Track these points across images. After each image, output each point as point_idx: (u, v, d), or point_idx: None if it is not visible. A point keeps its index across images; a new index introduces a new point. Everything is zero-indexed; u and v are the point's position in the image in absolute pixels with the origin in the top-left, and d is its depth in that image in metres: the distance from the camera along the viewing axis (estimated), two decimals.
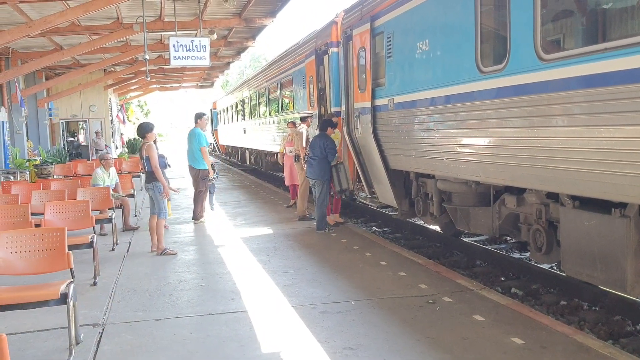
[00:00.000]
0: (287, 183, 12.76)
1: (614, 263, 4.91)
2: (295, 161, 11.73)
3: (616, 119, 4.44)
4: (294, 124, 12.47)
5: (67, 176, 15.96)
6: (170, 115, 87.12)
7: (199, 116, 11.26)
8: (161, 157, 8.61)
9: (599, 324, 5.71)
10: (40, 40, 16.56)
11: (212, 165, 11.37)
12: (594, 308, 6.18)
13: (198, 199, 11.14)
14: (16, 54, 18.43)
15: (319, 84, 12.45)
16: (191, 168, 11.03)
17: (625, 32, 4.68)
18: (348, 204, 13.44)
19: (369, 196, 10.53)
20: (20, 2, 11.71)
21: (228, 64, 26.32)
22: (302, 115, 12.13)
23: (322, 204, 9.70)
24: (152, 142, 8.60)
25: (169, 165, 11.13)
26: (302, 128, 11.52)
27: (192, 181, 11.22)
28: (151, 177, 8.42)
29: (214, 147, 39.62)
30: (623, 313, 5.83)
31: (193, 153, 10.92)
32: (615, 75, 4.39)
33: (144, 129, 8.71)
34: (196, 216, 11.18)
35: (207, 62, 13.87)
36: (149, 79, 19.82)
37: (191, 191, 11.78)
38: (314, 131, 11.37)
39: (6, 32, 12.26)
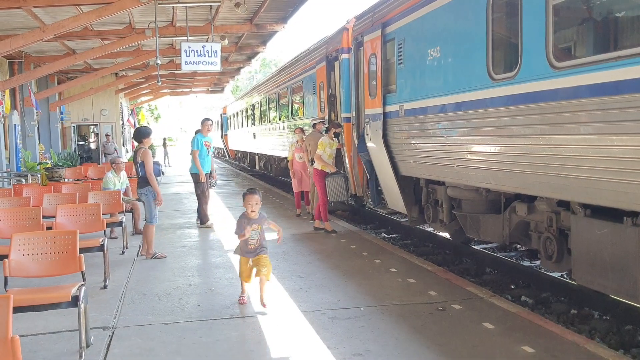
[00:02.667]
0: (295, 190, 12.65)
1: (625, 272, 4.88)
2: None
3: (628, 128, 4.42)
4: (302, 129, 12.45)
5: (78, 179, 16.06)
6: (180, 119, 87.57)
7: (201, 121, 11.37)
8: (156, 163, 8.52)
9: (610, 334, 5.68)
10: (53, 44, 16.72)
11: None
12: (605, 317, 6.14)
13: (198, 204, 11.24)
14: (29, 57, 18.63)
15: (330, 90, 12.47)
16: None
17: (638, 41, 4.67)
18: (357, 210, 13.45)
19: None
20: (34, 7, 11.83)
21: (239, 69, 26.44)
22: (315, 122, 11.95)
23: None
24: (148, 148, 8.52)
25: (163, 173, 11.12)
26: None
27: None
28: (144, 183, 8.33)
29: (223, 151, 39.78)
30: (634, 322, 5.79)
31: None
32: (627, 83, 4.38)
33: (142, 134, 8.58)
34: (202, 220, 11.24)
35: (218, 68, 13.94)
36: (160, 83, 19.93)
37: None
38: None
39: (20, 36, 12.40)
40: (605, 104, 4.61)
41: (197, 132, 11.31)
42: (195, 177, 11.01)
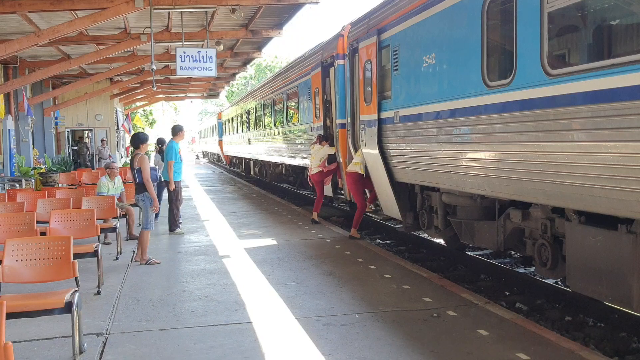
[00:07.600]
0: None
1: (620, 279, 4.89)
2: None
3: (623, 135, 4.44)
4: (320, 138, 11.98)
5: (72, 185, 16.01)
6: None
7: (176, 129, 11.44)
8: (152, 169, 8.53)
9: (604, 341, 5.68)
10: (48, 49, 16.70)
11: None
12: (599, 324, 6.14)
13: (169, 209, 11.31)
14: (24, 62, 18.58)
15: (325, 96, 12.48)
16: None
17: (632, 49, 4.69)
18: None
19: (373, 208, 10.52)
20: (30, 12, 11.82)
21: (234, 74, 26.46)
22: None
23: None
24: (145, 154, 8.53)
25: (161, 178, 11.14)
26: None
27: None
28: (141, 188, 8.36)
29: (218, 157, 39.74)
30: (629, 330, 5.80)
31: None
32: (622, 91, 4.40)
33: (139, 140, 8.60)
34: (170, 227, 11.30)
35: (213, 73, 13.95)
36: (155, 88, 19.90)
37: (196, 201, 11.87)
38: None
39: (15, 41, 12.37)
40: (600, 111, 4.63)
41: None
42: (167, 183, 11.13)
